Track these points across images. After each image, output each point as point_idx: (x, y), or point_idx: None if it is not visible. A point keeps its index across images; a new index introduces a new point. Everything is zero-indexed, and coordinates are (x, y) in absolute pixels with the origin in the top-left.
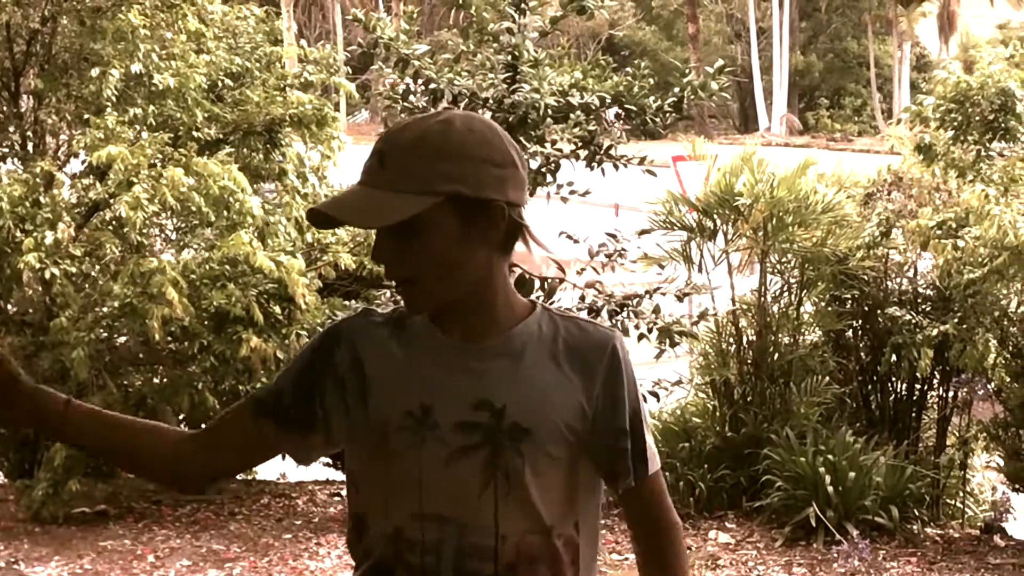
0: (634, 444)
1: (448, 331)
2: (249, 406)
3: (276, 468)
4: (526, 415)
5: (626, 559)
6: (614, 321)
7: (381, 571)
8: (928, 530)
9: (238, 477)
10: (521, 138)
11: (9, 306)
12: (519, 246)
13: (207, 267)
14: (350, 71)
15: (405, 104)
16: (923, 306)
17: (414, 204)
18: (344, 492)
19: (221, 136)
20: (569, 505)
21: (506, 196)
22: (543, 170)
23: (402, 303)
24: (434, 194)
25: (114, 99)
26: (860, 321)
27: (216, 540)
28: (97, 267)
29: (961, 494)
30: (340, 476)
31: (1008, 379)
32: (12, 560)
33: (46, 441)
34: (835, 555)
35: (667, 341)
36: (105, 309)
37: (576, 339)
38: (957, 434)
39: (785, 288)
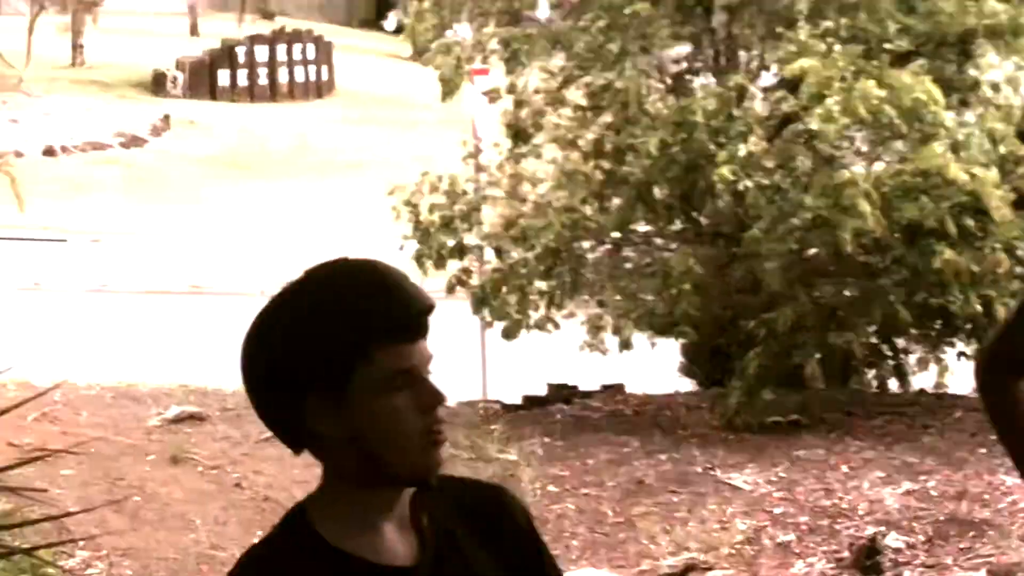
0: None
1: None
2: None
3: (968, 383)
4: None
5: None
6: None
7: None
8: None
9: (928, 391)
10: None
11: (702, 218)
12: None
13: (899, 180)
14: None
15: None
16: None
17: None
18: None
19: (913, 48)
20: None
21: None
22: None
23: None
24: None
25: (806, 12)
26: None
27: (909, 453)
28: (788, 180)
29: None
30: None
31: None
32: (708, 466)
33: (739, 351)
34: None
35: None
36: (796, 221)
37: None
38: None
39: None
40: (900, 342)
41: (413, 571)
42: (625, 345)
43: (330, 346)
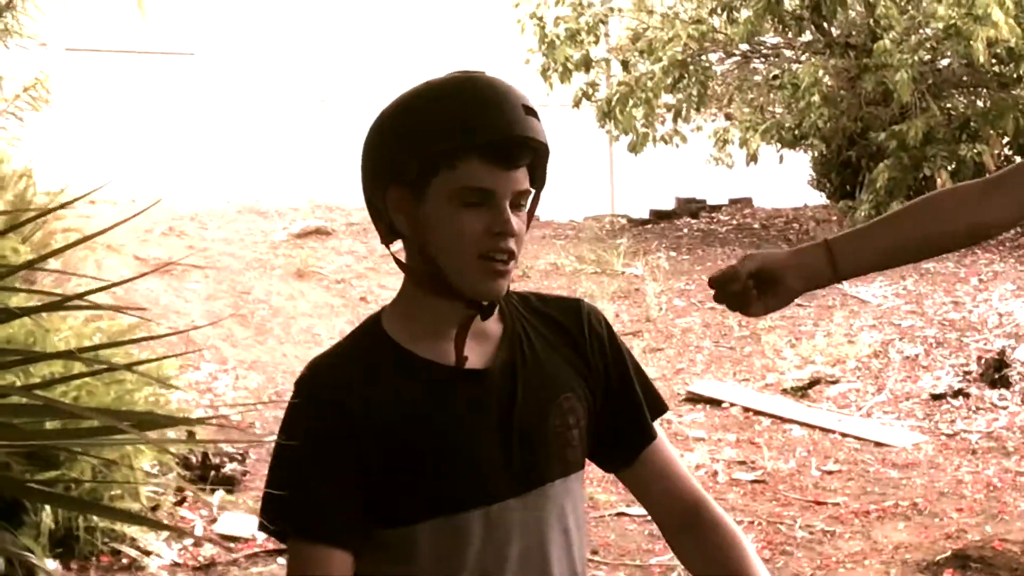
0: None
1: None
2: None
3: None
4: None
5: None
6: None
7: None
8: None
9: None
10: None
11: (833, 29)
12: None
13: None
14: None
15: None
16: None
17: None
18: None
19: None
20: None
21: None
22: None
23: None
24: None
25: None
26: None
27: None
28: None
29: None
30: None
31: None
32: None
33: (869, 163)
34: None
35: None
36: (928, 31)
37: None
38: None
39: None
40: None
41: (484, 373)
42: (753, 158)
43: (416, 143)
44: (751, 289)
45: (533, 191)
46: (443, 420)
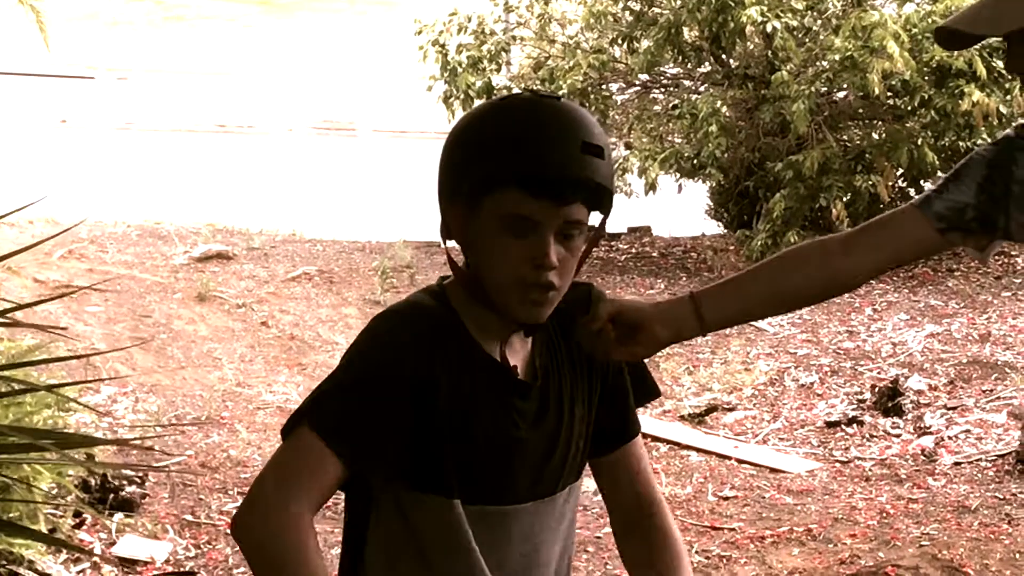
0: None
1: None
2: None
3: None
4: None
5: None
6: None
7: None
8: None
9: None
10: None
11: (732, 60)
12: None
13: (929, 21)
14: None
15: None
16: None
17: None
18: None
19: None
20: None
21: None
22: None
23: None
24: None
25: None
26: None
27: (933, 296)
28: (818, 21)
29: None
30: None
31: None
32: None
33: (766, 193)
34: None
35: None
36: (825, 63)
37: None
38: None
39: None
40: (927, 185)
41: (531, 388)
42: (652, 187)
43: (467, 161)
44: (610, 332)
45: (587, 223)
46: (492, 421)
